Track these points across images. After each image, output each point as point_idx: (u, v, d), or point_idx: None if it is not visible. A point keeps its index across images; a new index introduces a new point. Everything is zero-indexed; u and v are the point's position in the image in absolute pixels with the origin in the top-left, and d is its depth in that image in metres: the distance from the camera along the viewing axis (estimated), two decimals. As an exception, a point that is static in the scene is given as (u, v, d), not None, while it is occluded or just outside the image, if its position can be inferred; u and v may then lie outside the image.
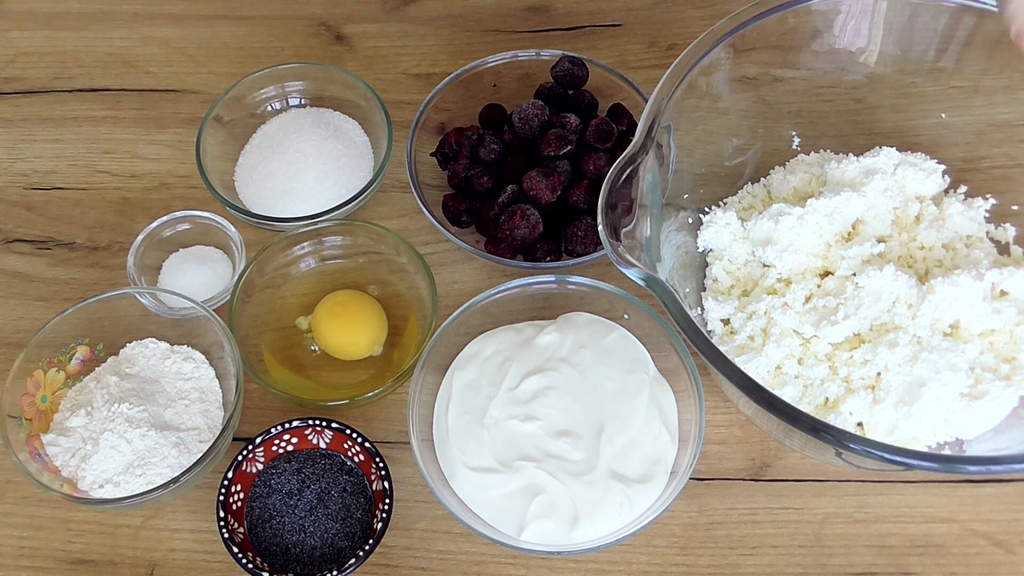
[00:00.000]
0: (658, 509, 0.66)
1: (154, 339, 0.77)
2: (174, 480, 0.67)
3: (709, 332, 0.74)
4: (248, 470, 0.72)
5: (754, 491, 0.72)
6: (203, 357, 0.76)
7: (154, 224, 0.83)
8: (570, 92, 0.86)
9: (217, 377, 0.76)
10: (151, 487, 0.69)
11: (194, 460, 0.69)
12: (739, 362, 0.70)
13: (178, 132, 0.91)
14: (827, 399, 0.69)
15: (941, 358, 0.66)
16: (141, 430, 0.70)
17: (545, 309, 0.76)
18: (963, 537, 0.70)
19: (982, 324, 0.69)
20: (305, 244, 0.81)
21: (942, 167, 0.76)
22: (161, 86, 0.95)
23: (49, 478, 0.69)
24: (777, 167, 0.81)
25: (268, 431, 0.72)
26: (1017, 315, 0.68)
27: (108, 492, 0.69)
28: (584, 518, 0.67)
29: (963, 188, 0.77)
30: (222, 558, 0.71)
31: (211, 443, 0.70)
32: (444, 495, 0.67)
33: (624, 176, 0.66)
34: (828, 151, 0.80)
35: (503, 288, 0.74)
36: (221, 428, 0.71)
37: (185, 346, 0.77)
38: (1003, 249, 0.76)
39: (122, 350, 0.77)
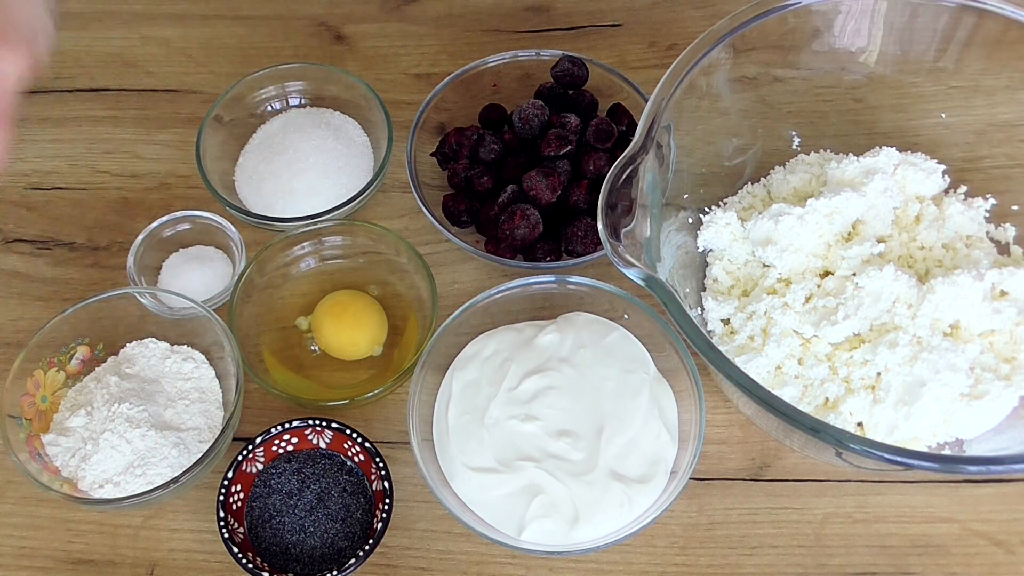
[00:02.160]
0: (658, 509, 0.66)
1: (154, 339, 0.77)
2: (174, 480, 0.67)
3: (709, 332, 0.74)
4: (248, 470, 0.72)
5: (754, 491, 0.72)
6: (203, 357, 0.76)
7: (154, 224, 0.82)
8: (570, 92, 0.86)
9: (217, 377, 0.76)
10: (151, 487, 0.69)
11: (194, 460, 0.69)
12: (739, 362, 0.70)
13: (178, 132, 0.91)
14: (827, 399, 0.69)
15: (941, 358, 0.66)
16: (141, 430, 0.70)
17: (545, 309, 0.76)
18: (963, 537, 0.70)
19: (982, 324, 0.69)
20: (305, 244, 0.81)
21: (942, 167, 0.76)
22: (161, 86, 0.95)
23: (49, 478, 0.69)
24: (777, 167, 0.81)
25: (268, 431, 0.72)
26: (1017, 315, 0.68)
27: (108, 492, 0.69)
28: (584, 518, 0.67)
29: (963, 188, 0.77)
30: (222, 558, 0.71)
31: (211, 443, 0.70)
32: (444, 495, 0.67)
33: (624, 176, 0.66)
34: (828, 151, 0.80)
35: (503, 288, 0.74)
36: (221, 428, 0.71)
37: (185, 346, 0.77)
38: (1003, 249, 0.76)
39: (122, 350, 0.77)
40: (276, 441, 0.72)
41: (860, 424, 0.68)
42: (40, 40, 0.64)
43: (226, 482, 0.70)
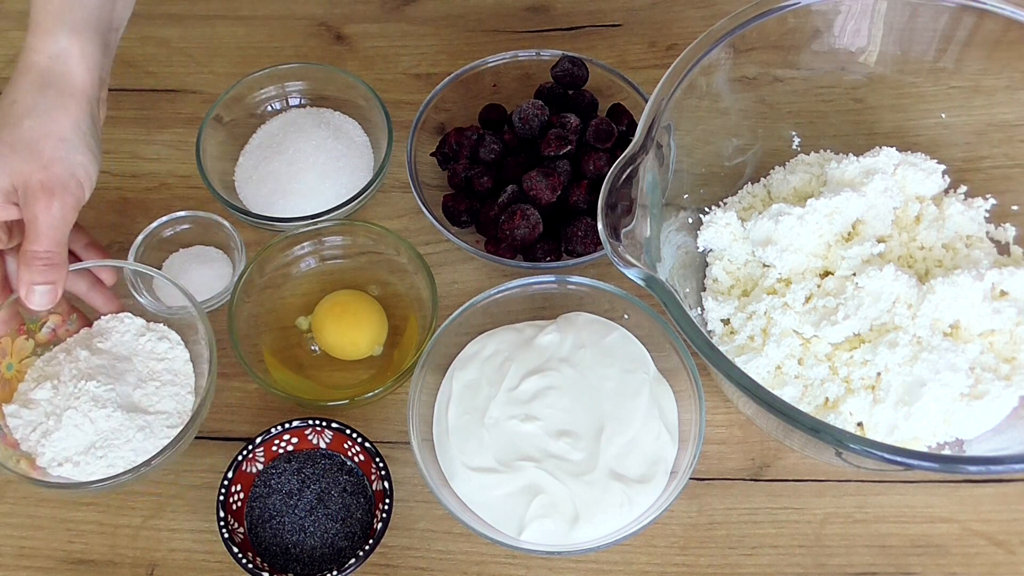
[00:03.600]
0: (658, 509, 0.66)
1: (130, 314, 0.75)
2: (144, 464, 0.66)
3: (709, 332, 0.74)
4: (248, 470, 0.72)
5: (754, 491, 0.72)
6: (178, 338, 0.75)
7: (154, 224, 0.82)
8: (570, 92, 0.86)
9: (191, 360, 0.75)
10: (112, 469, 0.67)
11: (159, 445, 0.68)
12: (739, 362, 0.70)
13: (178, 132, 0.91)
14: (827, 399, 0.69)
15: (941, 358, 0.66)
16: (107, 410, 0.69)
17: (545, 309, 0.76)
18: (963, 537, 0.70)
19: (982, 324, 0.69)
20: (305, 244, 0.81)
21: (942, 167, 0.76)
22: (161, 86, 0.95)
23: (6, 452, 0.67)
24: (777, 167, 0.81)
25: (268, 431, 0.72)
26: (1017, 315, 0.68)
27: (67, 471, 0.68)
28: (584, 518, 0.67)
29: (963, 188, 0.77)
30: (222, 558, 0.71)
31: (178, 428, 0.68)
32: (444, 495, 0.67)
33: (624, 176, 0.66)
34: (828, 151, 0.80)
35: (503, 288, 0.74)
36: (191, 414, 0.69)
37: (161, 324, 0.75)
38: (1003, 249, 0.76)
39: (96, 322, 0.75)
40: (276, 441, 0.72)
41: (860, 424, 0.68)
42: (83, 183, 0.68)
43: (226, 482, 0.70)
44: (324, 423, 0.72)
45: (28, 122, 0.67)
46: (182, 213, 0.83)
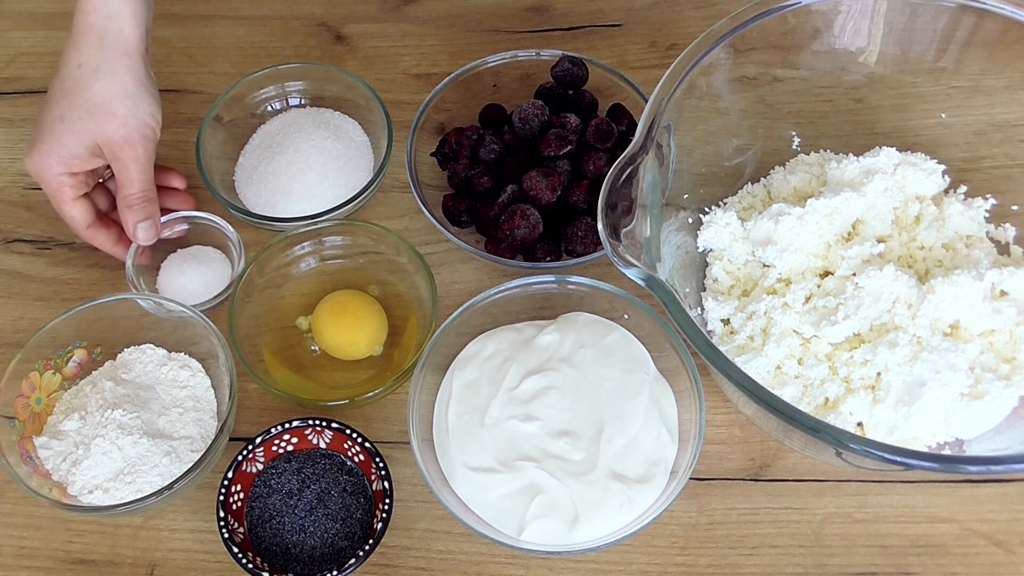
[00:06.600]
0: (658, 509, 0.66)
1: (152, 345, 0.76)
2: (167, 488, 0.67)
3: (709, 332, 0.74)
4: (248, 470, 0.72)
5: (754, 491, 0.72)
6: (199, 365, 0.76)
7: (154, 224, 0.82)
8: (570, 92, 0.86)
9: (212, 387, 0.76)
10: (140, 494, 0.68)
11: (184, 469, 0.69)
12: (739, 362, 0.70)
13: (178, 132, 0.91)
14: (827, 399, 0.69)
15: (941, 358, 0.66)
16: (133, 437, 0.70)
17: (545, 309, 0.76)
18: (963, 537, 0.70)
19: (982, 324, 0.69)
20: (305, 244, 0.81)
21: (942, 167, 0.76)
22: (161, 86, 0.94)
23: (39, 482, 0.69)
24: (777, 167, 0.81)
25: (268, 431, 0.72)
26: (1017, 315, 0.68)
27: (97, 498, 0.69)
28: (584, 518, 0.67)
29: (963, 188, 0.77)
30: (222, 558, 0.71)
31: (202, 452, 0.70)
32: (444, 495, 0.67)
33: (624, 176, 0.66)
34: (828, 151, 0.80)
35: (503, 288, 0.74)
36: (214, 438, 0.70)
37: (182, 353, 0.77)
38: (1003, 249, 0.76)
39: (120, 355, 0.76)
40: (276, 441, 0.72)
41: (860, 424, 0.68)
42: (155, 129, 0.78)
43: (226, 482, 0.70)
44: (324, 423, 0.72)
45: (98, 85, 0.74)
46: (181, 213, 0.83)
